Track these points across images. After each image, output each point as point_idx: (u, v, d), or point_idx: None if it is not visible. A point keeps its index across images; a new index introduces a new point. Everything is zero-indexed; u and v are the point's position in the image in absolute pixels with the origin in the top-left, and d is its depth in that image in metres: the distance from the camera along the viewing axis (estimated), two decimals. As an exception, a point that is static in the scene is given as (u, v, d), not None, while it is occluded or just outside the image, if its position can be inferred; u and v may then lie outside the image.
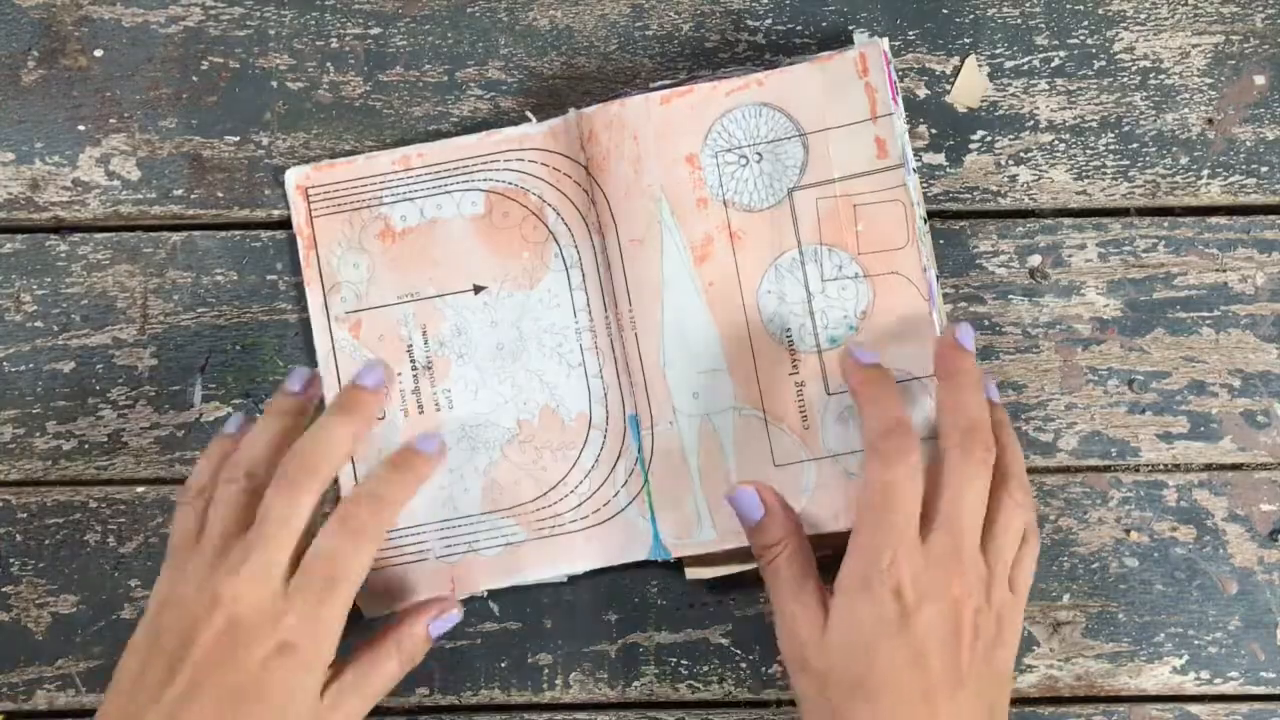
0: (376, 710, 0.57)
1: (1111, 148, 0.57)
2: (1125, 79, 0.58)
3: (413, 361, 0.57)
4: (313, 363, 0.57)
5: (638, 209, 0.55)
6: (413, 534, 0.56)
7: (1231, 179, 0.57)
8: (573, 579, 0.57)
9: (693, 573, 0.56)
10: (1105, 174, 0.58)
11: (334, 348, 0.57)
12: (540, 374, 0.56)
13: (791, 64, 0.55)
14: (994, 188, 0.58)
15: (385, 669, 0.51)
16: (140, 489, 0.58)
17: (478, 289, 0.57)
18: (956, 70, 0.58)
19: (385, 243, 0.57)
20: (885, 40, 0.54)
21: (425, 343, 0.57)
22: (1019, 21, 0.58)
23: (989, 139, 0.58)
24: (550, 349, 0.56)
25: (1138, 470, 0.57)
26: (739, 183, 0.55)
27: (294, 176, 0.57)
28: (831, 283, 0.54)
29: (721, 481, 0.54)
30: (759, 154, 0.55)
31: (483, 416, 0.56)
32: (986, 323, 0.57)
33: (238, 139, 0.58)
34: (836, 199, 0.54)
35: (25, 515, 0.58)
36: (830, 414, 0.54)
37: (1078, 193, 0.58)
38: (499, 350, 0.57)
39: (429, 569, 0.56)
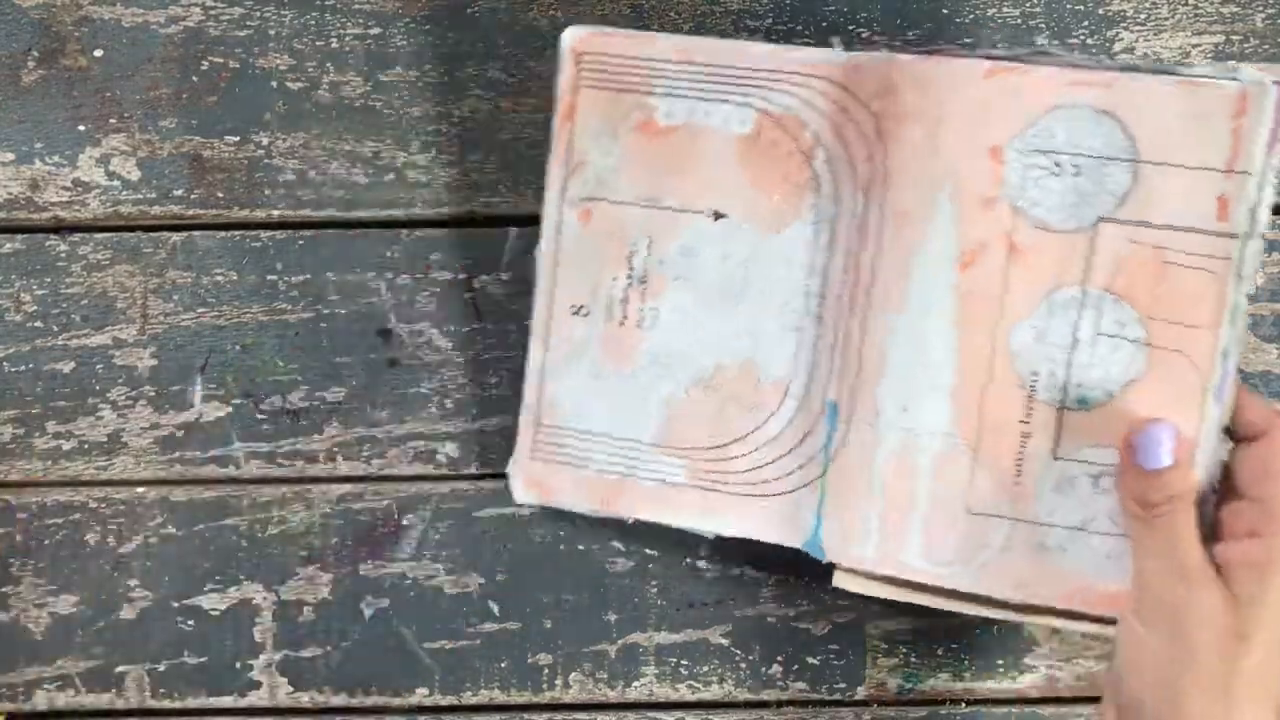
0: (377, 710, 0.57)
1: (1112, 148, 0.57)
2: (1125, 79, 0.58)
3: (630, 269, 0.52)
4: (533, 243, 0.54)
5: (916, 186, 0.48)
6: (582, 438, 0.53)
7: (1232, 179, 0.57)
8: (571, 579, 0.57)
9: (841, 579, 0.51)
10: (1105, 174, 0.57)
11: (559, 229, 0.53)
12: (754, 323, 0.52)
13: (1154, 73, 0.46)
14: (994, 188, 0.58)
15: None
16: (140, 489, 0.58)
17: (718, 215, 0.51)
18: (956, 70, 0.58)
19: (643, 136, 0.52)
20: None
21: (649, 254, 0.52)
22: (1019, 21, 0.58)
23: (989, 139, 0.58)
24: (773, 302, 0.51)
25: (1138, 470, 0.57)
26: (1042, 192, 0.47)
27: (570, 37, 0.53)
28: (1105, 339, 0.46)
29: (905, 503, 0.49)
30: (1077, 166, 0.46)
31: (681, 347, 0.52)
32: (986, 323, 0.57)
33: (238, 139, 0.58)
34: (1148, 247, 0.45)
35: (25, 515, 0.58)
36: (1049, 479, 0.47)
37: (1078, 193, 0.58)
38: (719, 286, 0.52)
39: (585, 476, 0.53)
